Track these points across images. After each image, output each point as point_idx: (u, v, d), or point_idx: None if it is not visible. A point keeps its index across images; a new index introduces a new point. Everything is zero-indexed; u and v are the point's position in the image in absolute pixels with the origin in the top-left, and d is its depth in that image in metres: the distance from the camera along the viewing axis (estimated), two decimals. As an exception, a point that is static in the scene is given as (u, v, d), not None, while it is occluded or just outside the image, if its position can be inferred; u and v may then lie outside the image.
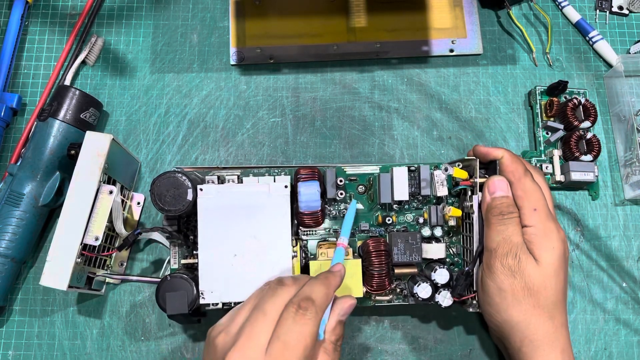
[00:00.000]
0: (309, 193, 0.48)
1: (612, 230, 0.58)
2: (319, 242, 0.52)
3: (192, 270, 0.51)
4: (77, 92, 0.56)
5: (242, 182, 0.50)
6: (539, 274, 0.44)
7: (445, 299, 0.48)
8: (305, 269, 0.50)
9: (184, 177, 0.48)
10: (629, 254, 0.57)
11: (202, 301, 0.47)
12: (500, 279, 0.44)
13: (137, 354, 0.54)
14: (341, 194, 0.51)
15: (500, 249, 0.45)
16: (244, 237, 0.48)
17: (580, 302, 0.56)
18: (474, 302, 0.48)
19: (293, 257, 0.48)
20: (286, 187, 0.49)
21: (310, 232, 0.52)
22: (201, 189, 0.48)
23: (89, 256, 0.51)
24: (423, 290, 0.48)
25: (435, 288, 0.49)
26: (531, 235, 0.45)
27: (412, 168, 0.51)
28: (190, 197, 0.48)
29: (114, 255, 0.55)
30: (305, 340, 0.36)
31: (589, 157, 0.56)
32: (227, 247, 0.48)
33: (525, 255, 0.44)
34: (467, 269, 0.48)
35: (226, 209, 0.48)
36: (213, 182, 0.50)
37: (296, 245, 0.50)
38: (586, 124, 0.57)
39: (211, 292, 0.47)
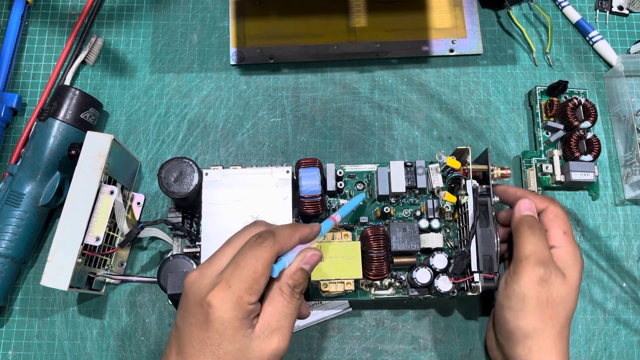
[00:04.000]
0: (310, 176, 0.49)
1: (612, 230, 0.58)
2: None
3: (194, 259, 0.51)
4: (77, 92, 0.56)
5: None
6: (565, 288, 0.46)
7: (444, 283, 0.49)
8: None
9: (190, 162, 0.50)
10: (629, 254, 0.57)
11: None
12: (528, 286, 0.45)
13: (137, 354, 0.54)
14: (341, 184, 0.52)
15: (533, 258, 0.46)
16: (247, 218, 0.49)
17: (580, 302, 0.56)
18: (473, 284, 0.48)
19: None
20: (288, 172, 0.50)
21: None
22: (206, 174, 0.50)
23: (90, 256, 0.51)
24: (422, 275, 0.49)
25: (434, 274, 0.49)
26: (560, 254, 0.47)
27: (409, 164, 0.53)
28: (196, 181, 0.50)
29: (114, 254, 0.55)
30: (255, 264, 0.36)
31: (589, 157, 0.56)
32: (230, 228, 0.49)
33: (555, 270, 0.46)
34: (463, 249, 0.49)
35: (230, 190, 0.50)
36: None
37: None
38: (586, 124, 0.57)
39: None
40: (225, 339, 0.36)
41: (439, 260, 0.50)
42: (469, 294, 0.49)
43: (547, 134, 0.59)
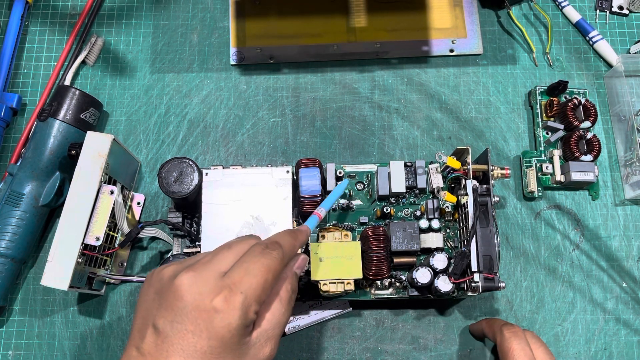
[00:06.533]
0: (310, 176, 0.49)
1: (612, 230, 0.58)
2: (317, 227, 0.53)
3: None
4: (77, 92, 0.56)
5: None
6: None
7: (444, 283, 0.49)
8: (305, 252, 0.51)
9: (190, 162, 0.50)
10: (629, 254, 0.57)
11: None
12: None
13: (137, 354, 0.54)
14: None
15: None
16: (247, 218, 0.49)
17: (580, 302, 0.56)
18: (473, 284, 0.48)
19: None
20: (288, 172, 0.50)
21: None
22: (206, 174, 0.50)
23: (90, 256, 0.51)
24: (422, 276, 0.49)
25: (434, 274, 0.49)
26: None
27: (409, 164, 0.53)
28: (196, 181, 0.50)
29: (114, 254, 0.55)
30: (267, 273, 0.35)
31: (589, 157, 0.56)
32: (230, 228, 0.49)
33: None
34: (463, 249, 0.49)
35: (230, 191, 0.50)
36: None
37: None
38: (586, 124, 0.57)
39: None
40: (228, 347, 0.34)
41: (439, 260, 0.50)
42: (469, 294, 0.49)
43: (547, 134, 0.59)
